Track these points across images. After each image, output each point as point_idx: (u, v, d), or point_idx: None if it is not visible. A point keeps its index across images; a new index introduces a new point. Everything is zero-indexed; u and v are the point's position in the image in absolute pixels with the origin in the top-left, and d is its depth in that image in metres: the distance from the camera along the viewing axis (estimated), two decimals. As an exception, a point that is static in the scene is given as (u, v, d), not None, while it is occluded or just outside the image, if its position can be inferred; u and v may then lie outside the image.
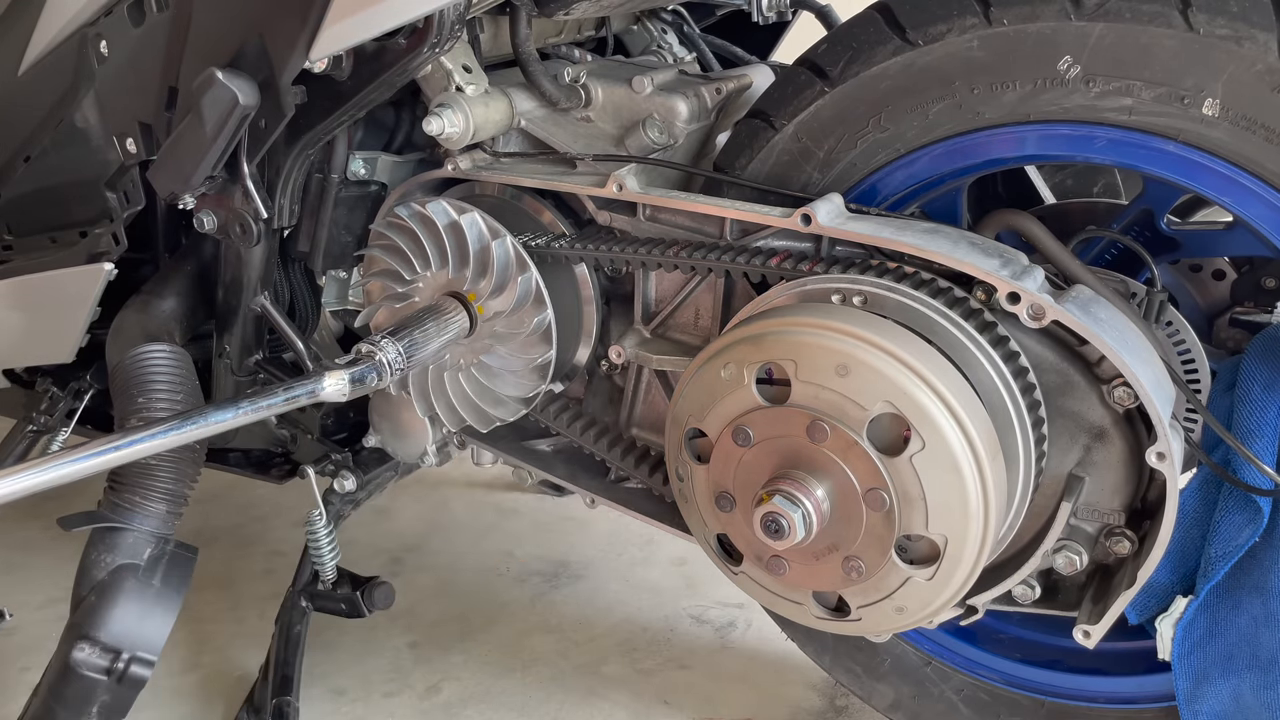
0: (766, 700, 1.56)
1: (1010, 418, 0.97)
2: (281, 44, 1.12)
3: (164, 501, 1.29)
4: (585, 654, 1.67)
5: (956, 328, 0.97)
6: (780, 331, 0.98)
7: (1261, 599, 1.04)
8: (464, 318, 1.20)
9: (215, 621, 1.77)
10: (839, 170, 1.11)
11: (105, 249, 1.36)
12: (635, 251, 1.15)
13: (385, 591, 1.51)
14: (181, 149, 1.19)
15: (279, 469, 1.55)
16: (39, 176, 1.42)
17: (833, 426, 0.95)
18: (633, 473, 1.26)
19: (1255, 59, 0.90)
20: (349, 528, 2.00)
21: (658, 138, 1.24)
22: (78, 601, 1.24)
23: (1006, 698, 1.24)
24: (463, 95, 1.20)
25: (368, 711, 1.56)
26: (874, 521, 0.96)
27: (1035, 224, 1.07)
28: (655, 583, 1.85)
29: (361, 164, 1.31)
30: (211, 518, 2.09)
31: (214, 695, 1.59)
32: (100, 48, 1.26)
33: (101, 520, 1.26)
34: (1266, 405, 1.03)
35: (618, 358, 1.25)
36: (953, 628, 1.23)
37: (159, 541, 1.27)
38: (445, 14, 1.05)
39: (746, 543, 1.06)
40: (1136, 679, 1.17)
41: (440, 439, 1.38)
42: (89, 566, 1.25)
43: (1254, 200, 0.96)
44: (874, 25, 1.05)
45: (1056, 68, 0.97)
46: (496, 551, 1.98)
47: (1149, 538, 1.02)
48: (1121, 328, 0.99)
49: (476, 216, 1.19)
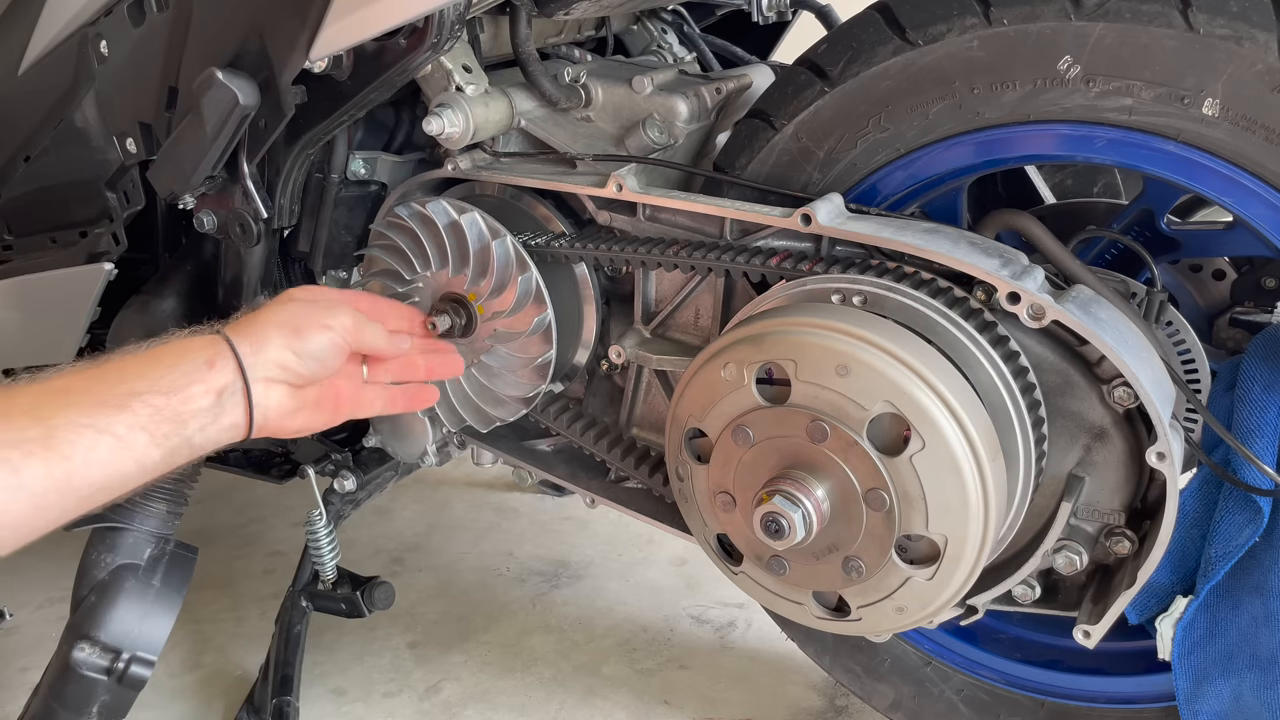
0: (766, 700, 1.56)
1: (1010, 418, 0.97)
2: (281, 44, 1.12)
3: (164, 501, 1.29)
4: (585, 654, 1.67)
5: (956, 328, 0.97)
6: (780, 331, 0.98)
7: (1261, 599, 1.04)
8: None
9: (215, 621, 1.77)
10: (839, 170, 1.11)
11: (105, 249, 1.36)
12: (635, 251, 1.15)
13: (385, 591, 1.51)
14: (181, 149, 1.19)
15: (279, 469, 1.55)
16: (39, 176, 1.42)
17: (833, 426, 0.95)
18: (633, 473, 1.25)
19: (1255, 59, 0.90)
20: (349, 528, 2.00)
21: (658, 138, 1.24)
22: (78, 601, 1.24)
23: (1006, 698, 1.24)
24: (463, 95, 1.20)
25: (368, 711, 1.56)
26: (874, 521, 0.96)
27: (1035, 224, 1.07)
28: (655, 583, 1.85)
29: (361, 164, 1.31)
30: (211, 518, 2.09)
31: (214, 695, 1.59)
32: (100, 48, 1.26)
33: (101, 520, 1.26)
34: (1266, 405, 1.03)
35: (618, 358, 1.25)
36: (953, 628, 1.23)
37: (159, 541, 1.28)
38: (445, 14, 1.05)
39: (746, 543, 1.06)
40: (1136, 679, 1.17)
41: (440, 439, 1.38)
42: (89, 566, 1.25)
43: (1254, 200, 0.96)
44: (874, 25, 1.05)
45: (1056, 68, 0.97)
46: (496, 551, 1.98)
47: (1149, 538, 1.02)
48: (1121, 328, 0.99)
49: (476, 216, 1.19)
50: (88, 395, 0.84)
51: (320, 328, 0.97)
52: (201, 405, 0.88)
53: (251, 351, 0.92)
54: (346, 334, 0.99)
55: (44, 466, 0.79)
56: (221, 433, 0.90)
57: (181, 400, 0.87)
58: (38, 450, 0.79)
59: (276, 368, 0.93)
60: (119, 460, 0.83)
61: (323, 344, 0.96)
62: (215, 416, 0.89)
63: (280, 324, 0.95)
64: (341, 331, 0.98)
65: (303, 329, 0.96)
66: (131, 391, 0.85)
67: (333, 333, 0.97)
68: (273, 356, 0.93)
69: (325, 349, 0.97)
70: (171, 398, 0.86)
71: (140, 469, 0.85)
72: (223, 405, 0.89)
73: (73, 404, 0.83)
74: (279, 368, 0.94)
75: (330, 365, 0.98)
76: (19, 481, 0.78)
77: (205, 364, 0.89)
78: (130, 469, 0.84)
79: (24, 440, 0.79)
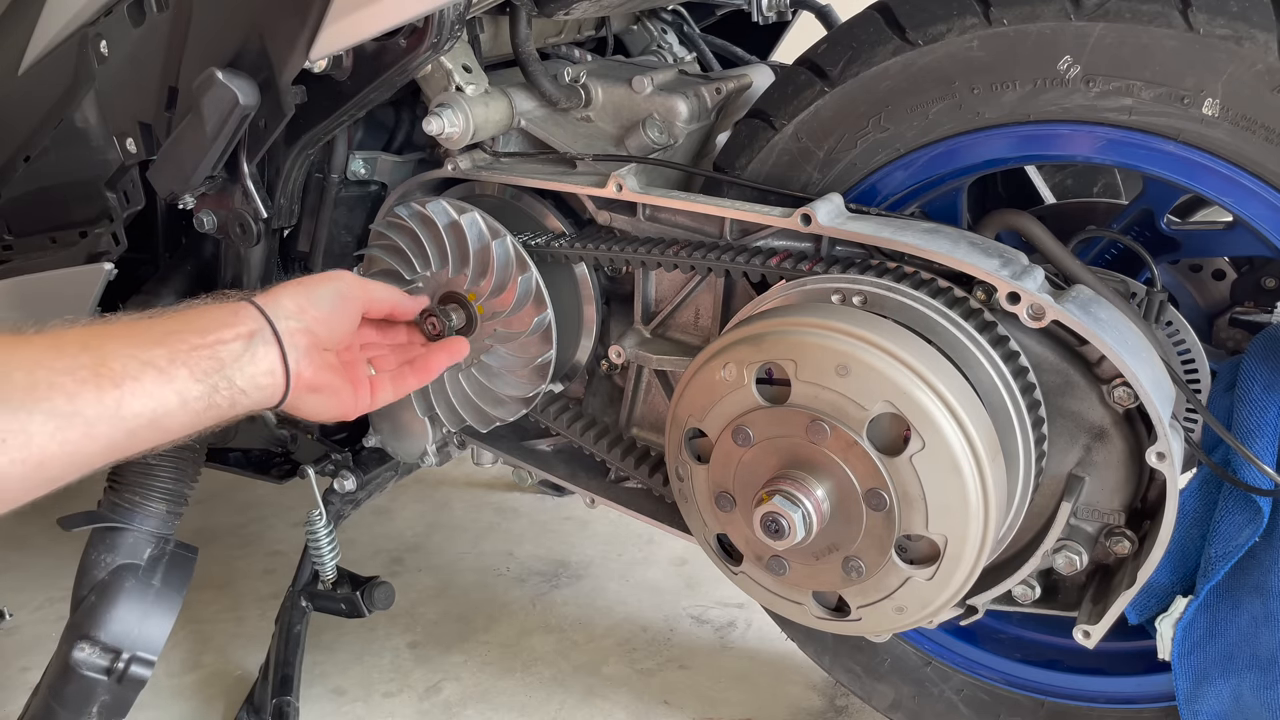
0: (766, 700, 1.56)
1: (1010, 418, 0.97)
2: (281, 44, 1.12)
3: (164, 501, 1.29)
4: (585, 654, 1.67)
5: (956, 328, 0.97)
6: (780, 331, 0.98)
7: (1261, 599, 1.03)
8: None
9: (215, 621, 1.77)
10: (839, 170, 1.11)
11: (105, 249, 1.36)
12: (635, 251, 1.15)
13: (385, 591, 1.51)
14: (181, 149, 1.19)
15: (279, 469, 1.55)
16: (39, 176, 1.42)
17: (833, 426, 0.95)
18: (633, 473, 1.25)
19: (1255, 59, 0.90)
20: (349, 528, 2.00)
21: (658, 138, 1.24)
22: (78, 601, 1.24)
23: (1006, 698, 1.24)
24: (463, 95, 1.20)
25: (368, 711, 1.56)
26: (874, 521, 0.96)
27: (1035, 224, 1.07)
28: (655, 583, 1.85)
29: (361, 164, 1.31)
30: (211, 518, 2.09)
31: (214, 695, 1.59)
32: (100, 48, 1.26)
33: (101, 520, 1.26)
34: (1266, 405, 1.03)
35: (618, 358, 1.25)
36: (953, 628, 1.23)
37: (159, 541, 1.28)
38: (445, 14, 1.05)
39: (746, 543, 1.06)
40: (1136, 679, 1.16)
41: (440, 439, 1.38)
42: (89, 566, 1.25)
43: (1254, 200, 0.96)
44: (874, 25, 1.05)
45: (1056, 68, 0.97)
46: (496, 551, 1.98)
47: (1149, 538, 1.02)
48: (1121, 328, 0.99)
49: (476, 216, 1.19)
50: (130, 331, 0.88)
51: (325, 279, 1.03)
52: (235, 347, 0.92)
53: (269, 302, 0.97)
54: (352, 285, 1.05)
55: (95, 392, 0.82)
56: (260, 376, 0.93)
57: (216, 339, 0.91)
58: (89, 377, 0.82)
59: (295, 313, 0.98)
60: (162, 391, 0.86)
61: (330, 291, 1.02)
62: (251, 358, 0.93)
63: (288, 284, 1.01)
64: (348, 282, 1.04)
65: (308, 282, 1.02)
66: (168, 330, 0.89)
67: (339, 282, 1.03)
68: (287, 305, 0.98)
69: (333, 296, 1.02)
70: (206, 336, 0.91)
71: (183, 403, 0.87)
72: (254, 348, 0.93)
73: (118, 336, 0.87)
74: (297, 312, 0.98)
75: (342, 317, 1.02)
76: (74, 408, 0.81)
77: (230, 313, 0.94)
78: (173, 403, 0.86)
79: (77, 367, 0.82)
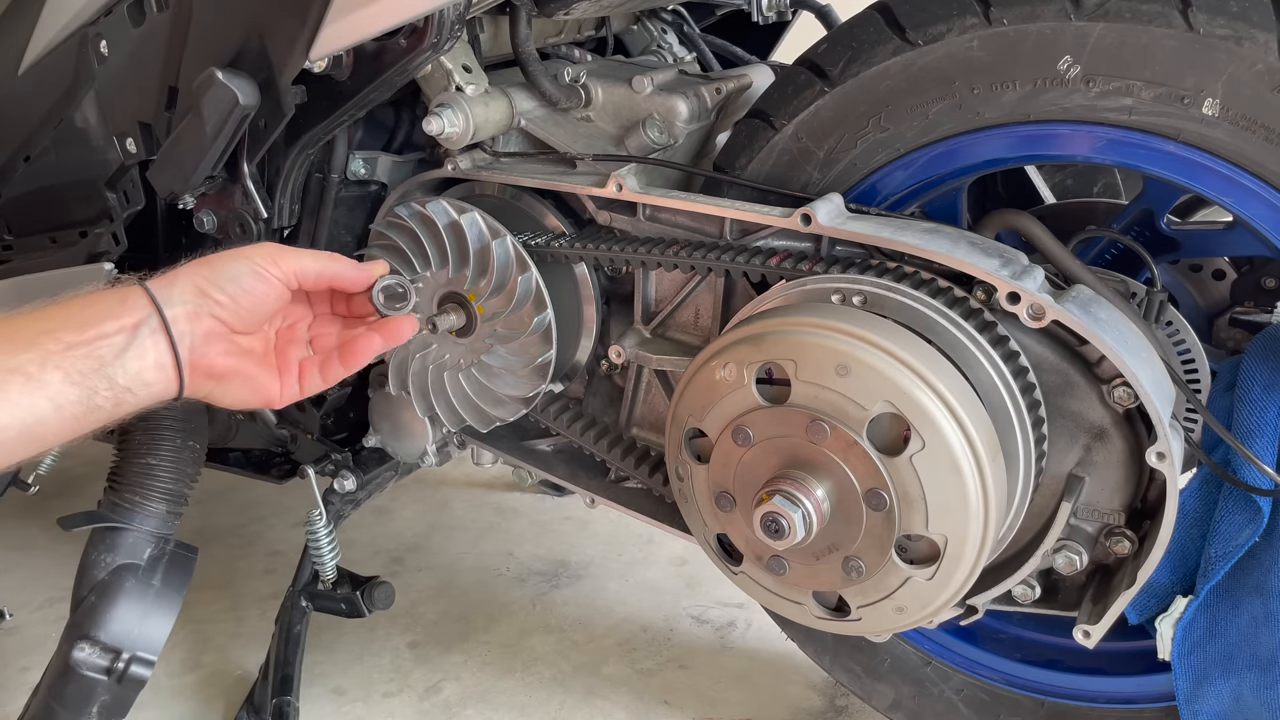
0: (766, 700, 1.56)
1: (1010, 418, 0.97)
2: (281, 44, 1.12)
3: (164, 501, 1.29)
4: (585, 654, 1.67)
5: (956, 328, 0.97)
6: (780, 331, 0.98)
7: (1261, 599, 1.03)
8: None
9: (215, 621, 1.77)
10: (839, 170, 1.11)
11: (105, 249, 1.36)
12: (635, 251, 1.15)
13: (385, 591, 1.51)
14: (181, 149, 1.19)
15: (279, 469, 1.55)
16: (39, 176, 1.42)
17: (833, 426, 0.95)
18: (633, 473, 1.25)
19: (1255, 59, 0.90)
20: (349, 528, 2.00)
21: (658, 138, 1.24)
22: (78, 601, 1.24)
23: (1006, 698, 1.24)
24: (463, 95, 1.20)
25: (368, 711, 1.56)
26: (874, 521, 0.96)
27: (1035, 224, 1.07)
28: (655, 583, 1.85)
29: (361, 164, 1.31)
30: (211, 518, 2.09)
31: (214, 695, 1.59)
32: (100, 48, 1.26)
33: (101, 520, 1.26)
34: (1266, 405, 1.03)
35: (618, 358, 1.25)
36: (953, 628, 1.23)
37: (159, 541, 1.28)
38: (445, 14, 1.05)
39: (746, 543, 1.06)
40: (1136, 679, 1.17)
41: (440, 439, 1.38)
42: (89, 566, 1.25)
43: (1254, 200, 0.96)
44: (874, 25, 1.05)
45: (1056, 68, 0.97)
46: (496, 551, 1.98)
47: (1149, 538, 1.02)
48: (1121, 328, 0.99)
49: (476, 216, 1.19)
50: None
51: (233, 255, 0.93)
52: (117, 341, 0.84)
53: (163, 286, 0.88)
54: (269, 259, 0.93)
55: None
56: (147, 371, 0.85)
57: (96, 334, 0.83)
58: None
59: (193, 296, 0.88)
60: (31, 400, 0.79)
61: (240, 269, 0.91)
62: (136, 353, 0.84)
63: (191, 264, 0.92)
64: (265, 255, 0.93)
65: (214, 260, 0.92)
66: (42, 330, 0.82)
67: (251, 258, 0.92)
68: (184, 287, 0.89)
69: (244, 274, 0.91)
70: (85, 332, 0.83)
71: (57, 410, 0.81)
72: (140, 340, 0.85)
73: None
74: (196, 295, 0.89)
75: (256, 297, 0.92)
76: None
77: (118, 302, 0.86)
78: (45, 409, 0.80)
79: None
